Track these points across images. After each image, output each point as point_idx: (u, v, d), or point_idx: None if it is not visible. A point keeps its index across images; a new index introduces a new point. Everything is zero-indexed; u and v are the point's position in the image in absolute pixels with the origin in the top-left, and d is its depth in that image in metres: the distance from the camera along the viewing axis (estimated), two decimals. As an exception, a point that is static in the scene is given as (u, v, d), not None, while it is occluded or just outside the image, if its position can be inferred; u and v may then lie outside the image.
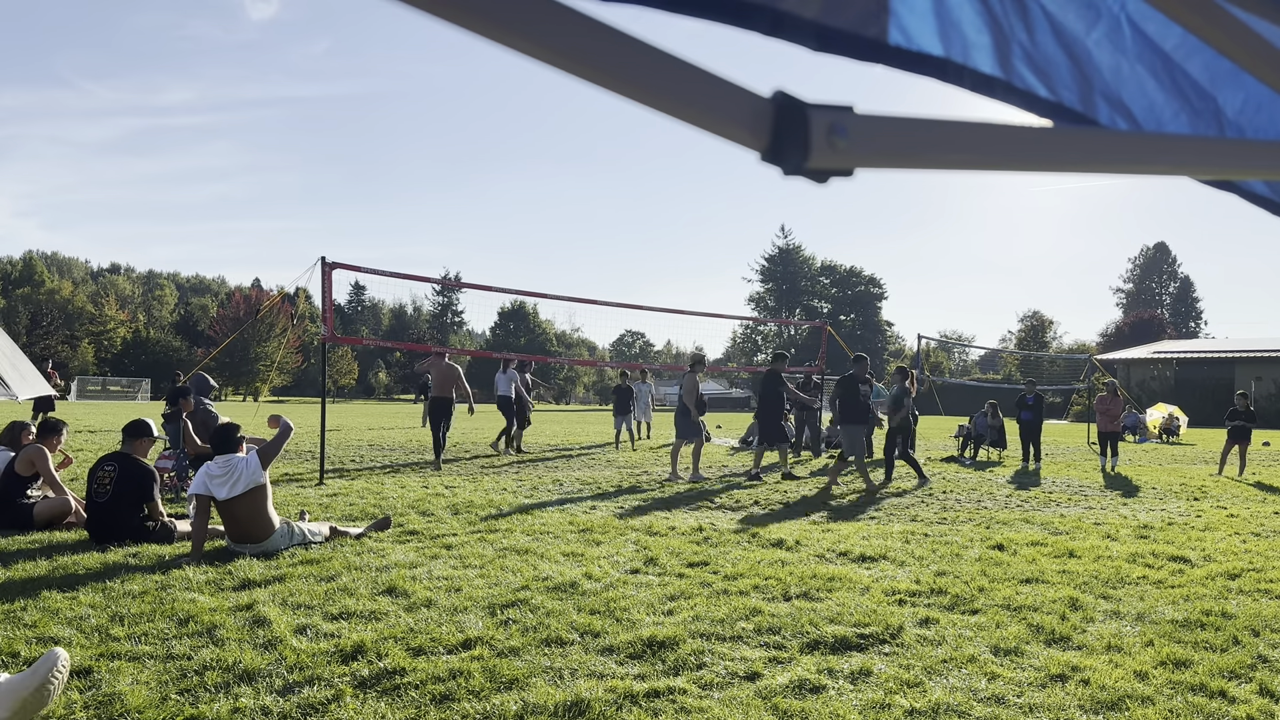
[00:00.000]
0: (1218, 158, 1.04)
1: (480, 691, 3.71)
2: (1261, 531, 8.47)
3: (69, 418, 25.40)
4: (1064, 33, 1.45)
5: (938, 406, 33.10)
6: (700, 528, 7.85)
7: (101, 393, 58.73)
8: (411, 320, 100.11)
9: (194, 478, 6.50)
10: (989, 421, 18.01)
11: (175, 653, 4.12)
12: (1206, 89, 1.54)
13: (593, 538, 7.28)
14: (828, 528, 8.16)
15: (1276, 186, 1.67)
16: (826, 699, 3.70)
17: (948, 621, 4.90)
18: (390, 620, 4.71)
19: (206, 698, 3.58)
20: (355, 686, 3.74)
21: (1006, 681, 3.94)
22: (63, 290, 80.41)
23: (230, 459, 6.40)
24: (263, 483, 6.39)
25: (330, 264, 11.93)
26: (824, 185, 0.73)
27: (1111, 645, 4.51)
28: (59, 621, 4.56)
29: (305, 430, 21.48)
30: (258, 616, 4.71)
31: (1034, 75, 1.48)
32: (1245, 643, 4.61)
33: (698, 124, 0.69)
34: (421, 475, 12.21)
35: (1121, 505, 10.44)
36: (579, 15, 0.65)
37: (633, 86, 0.67)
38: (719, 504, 9.87)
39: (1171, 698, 3.79)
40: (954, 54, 1.41)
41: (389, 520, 7.49)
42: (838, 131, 0.69)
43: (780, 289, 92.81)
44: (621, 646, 4.33)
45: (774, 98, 0.70)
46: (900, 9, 1.35)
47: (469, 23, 0.61)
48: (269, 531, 6.34)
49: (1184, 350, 54.70)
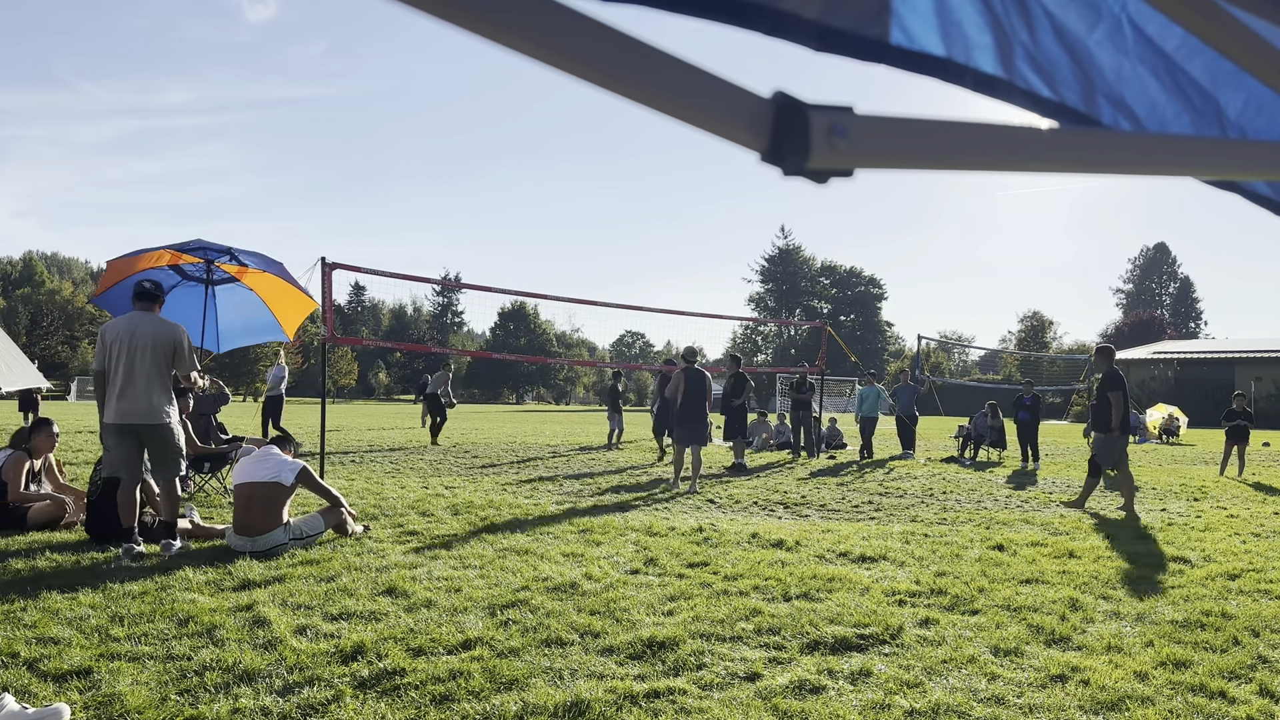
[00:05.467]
0: (1220, 158, 1.03)
1: (480, 692, 3.70)
2: (1261, 532, 8.47)
3: (68, 418, 25.41)
4: (1066, 33, 1.45)
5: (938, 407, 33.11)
6: (700, 528, 7.85)
7: (101, 393, 58.71)
8: (411, 320, 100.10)
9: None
10: (989, 422, 18.01)
11: (175, 653, 4.11)
12: (1208, 90, 1.54)
13: (592, 538, 7.28)
14: (828, 528, 8.16)
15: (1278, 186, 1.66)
16: (826, 699, 3.70)
17: (948, 622, 4.90)
18: (390, 621, 4.71)
19: (206, 698, 3.58)
20: (355, 687, 3.74)
21: (1006, 682, 3.94)
22: (63, 291, 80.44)
23: (272, 450, 6.82)
24: (285, 484, 6.55)
25: (330, 264, 11.92)
26: (824, 185, 0.73)
27: (1111, 646, 4.51)
28: (59, 622, 4.55)
29: (306, 431, 21.49)
30: (258, 617, 4.71)
31: (1036, 75, 1.48)
32: (1245, 643, 4.61)
33: (698, 124, 0.69)
34: (421, 476, 12.21)
35: (1121, 505, 10.44)
36: (579, 15, 0.64)
37: (633, 87, 0.67)
38: (719, 504, 9.87)
39: (1171, 698, 3.79)
40: (956, 54, 1.41)
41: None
42: (837, 132, 0.69)
43: (780, 289, 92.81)
44: (621, 647, 4.32)
45: (774, 98, 0.70)
46: (902, 9, 1.35)
47: (468, 22, 0.61)
48: (268, 529, 6.35)
49: (1184, 351, 54.71)
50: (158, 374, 6.35)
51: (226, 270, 9.98)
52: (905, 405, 18.55)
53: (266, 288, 10.16)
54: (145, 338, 6.32)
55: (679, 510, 9.24)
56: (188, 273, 9.95)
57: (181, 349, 6.48)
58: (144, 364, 6.29)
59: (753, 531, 7.73)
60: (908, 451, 18.13)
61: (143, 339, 6.31)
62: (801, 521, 8.67)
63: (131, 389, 6.27)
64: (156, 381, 6.35)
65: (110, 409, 6.32)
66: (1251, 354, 49.34)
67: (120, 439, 6.34)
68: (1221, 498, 11.51)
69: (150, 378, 6.31)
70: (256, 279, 10.10)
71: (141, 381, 6.28)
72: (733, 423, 14.48)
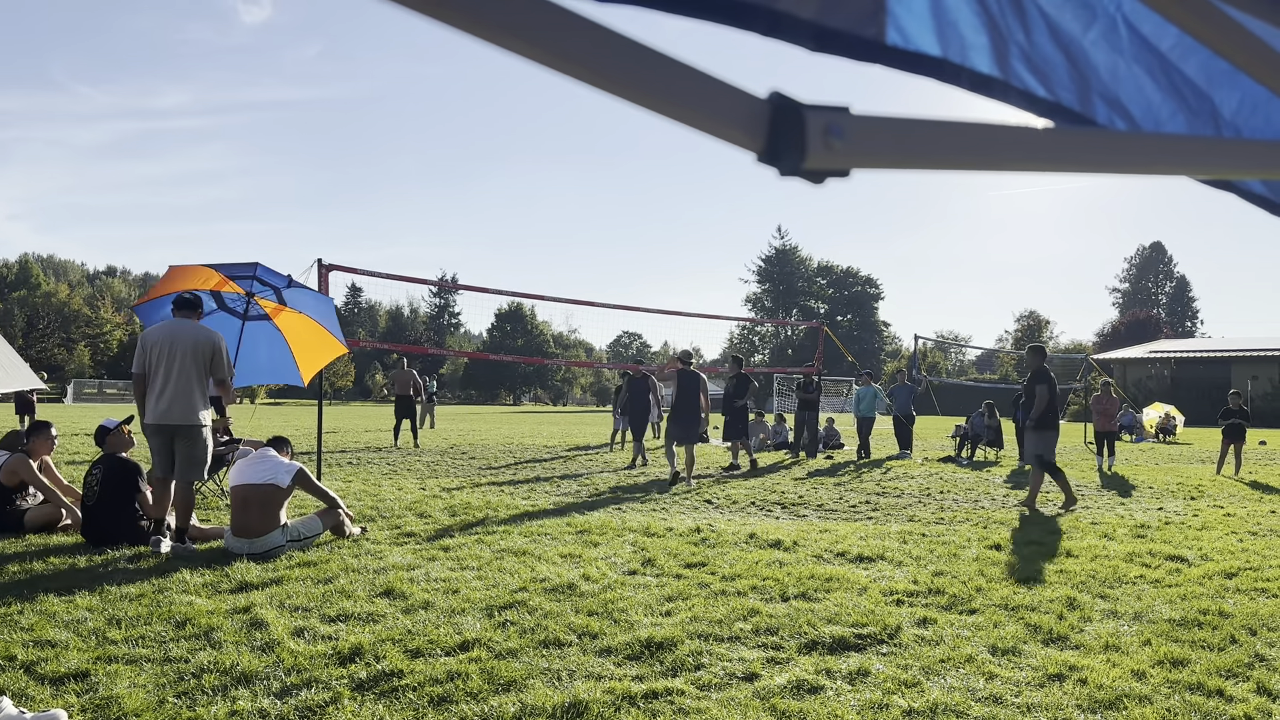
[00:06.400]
0: (1216, 157, 1.04)
1: (478, 693, 3.70)
2: (1258, 530, 8.49)
3: (64, 421, 25.38)
4: (1061, 33, 1.45)
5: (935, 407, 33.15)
6: (698, 528, 7.85)
7: (98, 395, 58.66)
8: (408, 322, 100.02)
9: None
10: (986, 421, 18.02)
11: (172, 655, 4.11)
12: (1203, 89, 1.54)
13: (590, 539, 7.28)
14: (825, 528, 8.16)
15: (1274, 185, 1.67)
16: (824, 699, 3.70)
17: (945, 621, 4.90)
18: (388, 622, 4.70)
19: (204, 701, 3.58)
20: (353, 689, 3.74)
21: (1004, 681, 3.95)
22: (59, 293, 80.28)
23: (269, 453, 6.80)
24: (281, 486, 6.55)
25: (327, 266, 11.93)
26: (820, 186, 0.73)
27: (1109, 644, 4.51)
28: (56, 625, 4.55)
29: (303, 432, 21.48)
30: (255, 619, 4.70)
31: (1032, 75, 1.48)
32: (1242, 641, 4.62)
33: (694, 125, 0.69)
34: (418, 477, 12.20)
35: (1118, 504, 10.46)
36: (574, 16, 0.64)
37: (629, 88, 0.67)
38: (716, 505, 9.88)
39: (1169, 697, 3.80)
40: (951, 54, 1.41)
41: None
42: (833, 132, 0.69)
43: (777, 290, 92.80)
44: (619, 648, 4.32)
45: (770, 98, 0.70)
46: (898, 9, 1.35)
47: (463, 23, 0.61)
48: (265, 531, 6.35)
49: (1180, 350, 54.78)
50: (197, 378, 6.72)
51: (263, 307, 9.82)
52: (902, 405, 18.57)
53: (295, 330, 9.98)
54: (186, 344, 6.67)
55: (676, 511, 9.24)
56: (226, 303, 9.75)
57: (220, 355, 6.85)
58: (184, 368, 6.64)
59: (750, 532, 7.73)
60: (905, 451, 18.14)
61: (183, 344, 6.67)
62: (799, 521, 8.68)
63: (170, 391, 6.62)
64: (195, 385, 6.71)
65: (149, 410, 6.68)
66: (1248, 353, 49.42)
67: (159, 438, 6.69)
68: (1218, 496, 11.53)
69: (188, 381, 6.67)
70: (289, 320, 9.89)
71: (181, 384, 6.63)
72: (735, 423, 14.57)
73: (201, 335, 6.77)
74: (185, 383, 6.64)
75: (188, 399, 6.65)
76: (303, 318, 9.88)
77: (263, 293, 9.63)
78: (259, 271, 9.32)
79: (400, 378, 18.84)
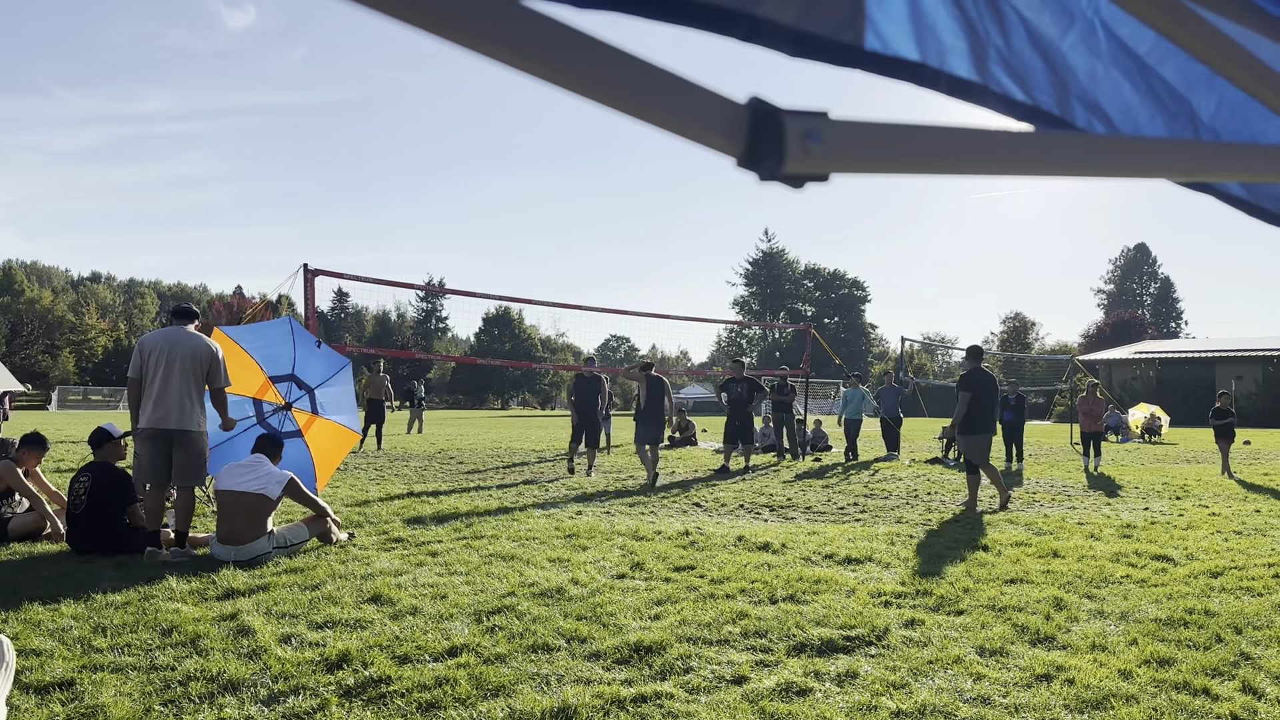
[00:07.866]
0: (1193, 160, 1.05)
1: (467, 699, 3.69)
2: (1243, 530, 8.54)
3: (49, 428, 25.18)
4: (1039, 37, 1.47)
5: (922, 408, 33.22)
6: (686, 532, 7.85)
7: (83, 402, 58.29)
8: (396, 327, 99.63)
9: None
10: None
11: (159, 663, 4.08)
12: (1181, 92, 1.56)
13: (578, 543, 7.27)
14: (813, 530, 8.18)
15: (1251, 188, 1.68)
16: (813, 701, 3.71)
17: (933, 622, 4.92)
18: (375, 628, 4.69)
19: (190, 709, 3.56)
20: (340, 695, 3.72)
21: (992, 682, 3.96)
22: (43, 299, 79.67)
23: (260, 459, 6.72)
24: (271, 498, 6.48)
25: (312, 271, 11.90)
26: (800, 190, 0.73)
27: (1096, 644, 4.53)
28: (40, 633, 4.51)
29: (289, 438, 21.32)
30: (242, 626, 4.68)
31: (1010, 79, 1.49)
32: (1228, 640, 4.65)
33: (675, 130, 0.70)
34: (406, 482, 12.16)
35: (1105, 505, 10.51)
36: (554, 22, 0.65)
37: (609, 93, 0.67)
38: (705, 508, 9.88)
39: (1155, 696, 3.82)
40: (930, 59, 1.42)
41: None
42: (813, 137, 0.69)
43: (764, 292, 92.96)
44: (608, 652, 4.32)
45: (749, 104, 0.70)
46: (876, 14, 1.36)
47: (444, 30, 0.61)
48: (252, 538, 6.32)
49: (1165, 350, 55.15)
50: (195, 384, 6.71)
51: (297, 420, 9.40)
52: (889, 407, 18.61)
53: (322, 443, 9.43)
54: (184, 350, 6.67)
55: (665, 514, 9.24)
56: (264, 415, 9.19)
57: (218, 364, 6.85)
58: (182, 374, 6.62)
59: (739, 534, 7.74)
60: (892, 453, 18.19)
61: (181, 351, 6.67)
62: (787, 524, 8.69)
63: (167, 397, 6.59)
64: (193, 391, 6.70)
65: (145, 415, 6.64)
66: (1232, 353, 49.79)
67: (153, 445, 6.62)
68: (1204, 496, 11.60)
69: (186, 387, 6.65)
70: (318, 433, 9.33)
71: (178, 390, 6.61)
72: (745, 428, 14.76)
73: (200, 343, 6.76)
74: (183, 389, 6.63)
75: (185, 405, 6.63)
76: (331, 426, 9.48)
77: (299, 401, 9.14)
78: (295, 366, 8.92)
79: (374, 382, 19.23)
